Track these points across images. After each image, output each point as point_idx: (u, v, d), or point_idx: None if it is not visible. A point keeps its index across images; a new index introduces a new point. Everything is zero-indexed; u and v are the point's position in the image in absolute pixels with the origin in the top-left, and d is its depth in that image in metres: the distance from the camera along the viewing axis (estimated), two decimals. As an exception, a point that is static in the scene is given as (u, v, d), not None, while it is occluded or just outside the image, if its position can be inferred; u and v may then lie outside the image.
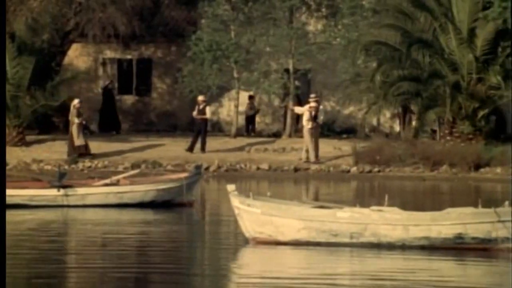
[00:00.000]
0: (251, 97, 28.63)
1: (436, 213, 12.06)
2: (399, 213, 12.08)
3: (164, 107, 30.17)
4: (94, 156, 25.01)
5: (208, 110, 25.88)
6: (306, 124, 24.88)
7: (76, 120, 24.84)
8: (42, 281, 9.81)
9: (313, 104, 25.17)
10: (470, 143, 25.33)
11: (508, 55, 25.50)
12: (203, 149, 25.60)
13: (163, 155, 25.58)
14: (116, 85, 30.21)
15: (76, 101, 25.29)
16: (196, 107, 25.87)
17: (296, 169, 24.97)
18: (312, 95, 26.03)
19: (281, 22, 27.77)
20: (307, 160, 24.92)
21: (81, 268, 10.81)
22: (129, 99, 30.27)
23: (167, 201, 17.14)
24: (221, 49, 27.37)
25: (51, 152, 25.74)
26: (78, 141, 24.81)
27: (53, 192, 16.67)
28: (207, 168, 24.41)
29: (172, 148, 26.15)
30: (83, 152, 24.89)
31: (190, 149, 25.58)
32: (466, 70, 25.57)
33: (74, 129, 24.82)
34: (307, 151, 24.97)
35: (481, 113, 25.87)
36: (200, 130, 25.58)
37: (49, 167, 24.36)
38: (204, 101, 25.82)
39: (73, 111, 25.06)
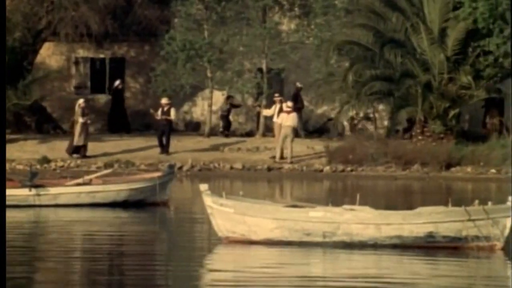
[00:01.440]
0: (229, 97, 28.55)
1: (408, 212, 12.15)
2: (371, 212, 12.16)
3: (137, 106, 30.05)
4: (88, 157, 24.94)
5: (172, 111, 25.91)
6: (292, 123, 24.91)
7: (81, 120, 24.89)
8: (13, 282, 9.76)
9: (289, 103, 25.32)
10: (441, 143, 25.55)
11: (478, 55, 25.76)
12: (166, 151, 25.62)
13: (136, 155, 25.52)
14: (88, 84, 30.10)
15: (81, 101, 25.45)
16: (160, 109, 25.90)
17: (269, 169, 25.04)
18: (276, 95, 26.14)
19: (254, 22, 27.82)
20: (282, 158, 25.01)
21: (52, 268, 10.77)
22: (102, 98, 30.15)
23: (140, 200, 17.11)
24: (194, 49, 27.36)
25: (23, 151, 25.57)
26: (79, 140, 24.83)
27: (25, 191, 16.57)
28: (180, 168, 24.40)
29: (145, 148, 26.11)
30: (82, 154, 24.85)
31: (163, 151, 25.60)
32: (437, 70, 25.79)
33: (77, 129, 24.80)
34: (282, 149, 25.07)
35: (452, 113, 26.11)
36: (163, 131, 25.63)
37: (21, 166, 24.21)
38: (168, 103, 25.87)
39: (78, 110, 25.14)
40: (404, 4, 26.15)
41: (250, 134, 28.53)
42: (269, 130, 28.28)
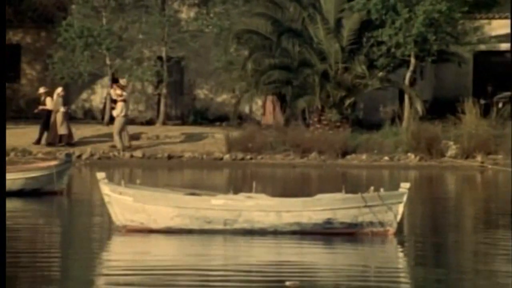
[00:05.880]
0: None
1: (307, 199, 12.40)
2: (270, 199, 12.37)
3: (34, 94, 29.48)
4: (74, 145, 24.35)
5: (48, 101, 25.60)
6: (120, 112, 24.81)
7: (62, 109, 24.49)
8: None
9: (118, 91, 25.28)
10: (337, 131, 26.12)
11: (372, 45, 26.42)
12: (38, 141, 25.17)
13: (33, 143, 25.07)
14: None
15: (59, 89, 25.05)
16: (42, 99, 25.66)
17: (169, 157, 25.05)
18: (122, 81, 26.08)
19: (154, 10, 27.70)
20: (127, 145, 24.90)
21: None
22: (-4, 86, 29.40)
23: (36, 189, 16.86)
24: (92, 36, 27.03)
25: None
26: (61, 129, 24.23)
27: None
28: (79, 156, 24.13)
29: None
30: (66, 141, 24.48)
31: (38, 141, 25.19)
32: (333, 60, 26.33)
33: (58, 118, 24.39)
34: (125, 136, 24.86)
35: (347, 102, 26.72)
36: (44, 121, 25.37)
37: None
38: (44, 92, 25.60)
39: (57, 99, 24.76)
40: (301, -6, 26.58)
41: (150, 122, 28.43)
42: (170, 118, 28.28)
